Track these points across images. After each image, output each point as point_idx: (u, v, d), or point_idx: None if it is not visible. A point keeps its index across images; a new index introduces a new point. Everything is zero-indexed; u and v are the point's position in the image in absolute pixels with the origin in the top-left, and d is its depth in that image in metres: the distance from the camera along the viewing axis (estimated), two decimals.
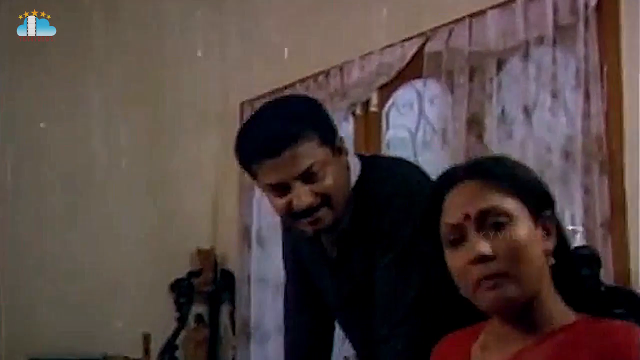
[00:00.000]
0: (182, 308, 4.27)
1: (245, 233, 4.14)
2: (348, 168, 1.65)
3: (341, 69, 3.53)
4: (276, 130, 1.55)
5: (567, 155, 2.56)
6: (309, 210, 1.57)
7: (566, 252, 1.18)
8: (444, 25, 3.06)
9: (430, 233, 1.21)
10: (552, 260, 1.15)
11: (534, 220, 1.14)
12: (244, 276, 4.12)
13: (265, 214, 3.98)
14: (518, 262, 1.11)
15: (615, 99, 2.47)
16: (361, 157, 1.73)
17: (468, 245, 1.12)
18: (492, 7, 2.86)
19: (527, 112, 2.68)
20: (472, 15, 2.94)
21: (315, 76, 3.70)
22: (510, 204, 1.13)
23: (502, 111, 2.81)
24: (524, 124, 2.69)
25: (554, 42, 2.63)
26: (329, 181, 1.58)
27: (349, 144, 3.47)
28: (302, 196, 1.55)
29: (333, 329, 1.89)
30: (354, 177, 1.65)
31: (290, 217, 1.61)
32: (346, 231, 1.64)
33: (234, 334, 4.14)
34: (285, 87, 3.89)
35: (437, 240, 1.19)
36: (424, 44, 3.14)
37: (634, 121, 2.43)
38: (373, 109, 3.39)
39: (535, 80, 2.70)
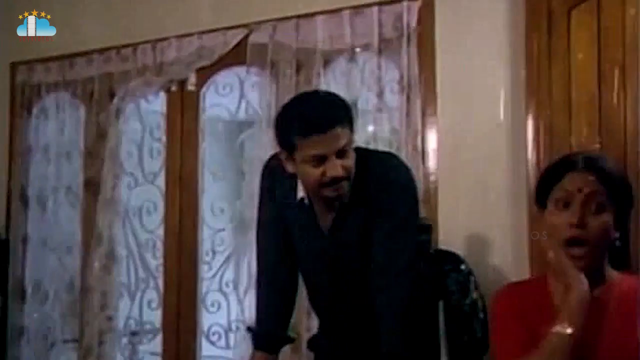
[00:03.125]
0: None
1: (21, 195, 4.15)
2: None
3: (154, 46, 3.75)
4: (325, 113, 1.99)
5: (391, 144, 3.19)
6: (337, 180, 2.01)
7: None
8: (268, 20, 3.47)
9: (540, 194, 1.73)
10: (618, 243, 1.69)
11: (613, 212, 1.67)
12: (19, 237, 4.14)
13: (51, 178, 4.05)
14: (600, 239, 1.67)
15: (430, 101, 3.13)
16: None
17: (571, 211, 1.65)
18: (320, 13, 3.35)
19: (354, 105, 3.24)
20: (299, 17, 3.40)
21: (119, 48, 3.86)
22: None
23: None
24: None
25: (379, 51, 3.22)
26: (352, 159, 2.04)
27: (161, 120, 3.78)
28: (338, 167, 2.00)
29: (297, 287, 2.32)
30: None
31: (319, 185, 2.03)
32: (344, 204, 2.09)
33: (2, 295, 4.14)
34: (79, 54, 3.98)
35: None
36: (248, 35, 3.52)
37: (446, 118, 3.12)
38: (191, 87, 3.69)
39: (361, 80, 3.26)
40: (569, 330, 1.60)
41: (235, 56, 3.57)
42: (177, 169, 3.74)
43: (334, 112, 2.01)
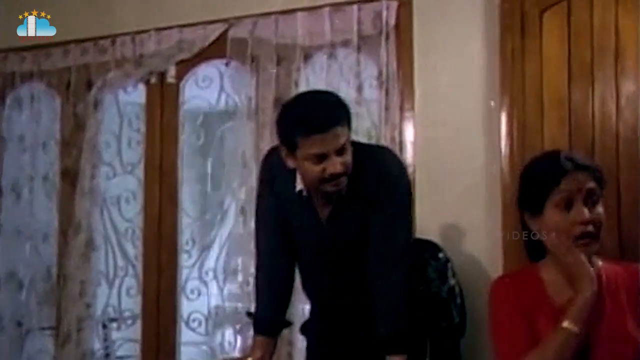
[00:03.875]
0: None
1: None
2: None
3: (133, 38, 3.79)
4: (327, 113, 2.10)
5: (369, 137, 3.30)
6: (336, 177, 2.12)
7: None
8: (248, 16, 3.54)
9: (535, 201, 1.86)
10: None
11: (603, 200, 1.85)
12: None
13: (26, 168, 4.07)
14: (601, 228, 1.82)
15: (408, 96, 3.24)
16: None
17: (576, 210, 1.79)
18: (300, 9, 3.43)
19: None
20: (279, 13, 3.48)
21: (96, 39, 3.89)
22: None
23: None
24: None
25: (359, 47, 3.33)
26: (350, 155, 2.15)
27: (140, 112, 3.83)
28: (338, 165, 2.11)
29: (295, 274, 2.43)
30: None
31: (320, 181, 2.14)
32: (342, 196, 2.21)
33: None
34: (55, 45, 3.98)
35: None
36: (227, 29, 3.58)
37: (423, 113, 3.24)
38: (170, 80, 3.75)
39: (340, 75, 3.36)
40: (576, 329, 1.74)
41: (216, 50, 3.63)
42: (156, 159, 3.79)
43: (334, 112, 2.13)
